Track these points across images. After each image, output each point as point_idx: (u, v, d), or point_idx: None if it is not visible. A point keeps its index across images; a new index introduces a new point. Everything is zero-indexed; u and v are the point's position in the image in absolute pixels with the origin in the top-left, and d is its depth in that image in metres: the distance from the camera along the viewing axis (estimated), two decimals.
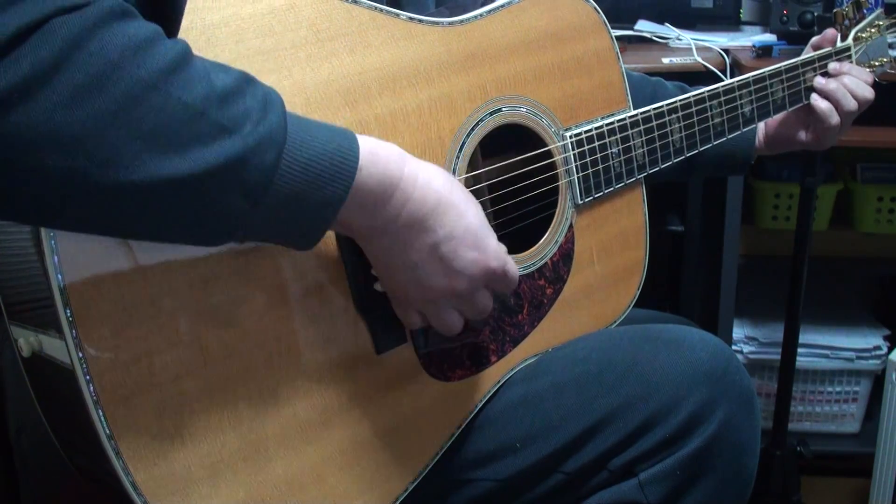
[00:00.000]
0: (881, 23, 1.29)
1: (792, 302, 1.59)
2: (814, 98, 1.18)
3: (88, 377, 0.63)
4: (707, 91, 1.07)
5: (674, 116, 1.04)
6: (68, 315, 0.63)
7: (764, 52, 1.67)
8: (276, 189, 0.62)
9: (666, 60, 1.63)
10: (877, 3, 1.63)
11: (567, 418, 0.89)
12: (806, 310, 1.61)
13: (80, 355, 0.63)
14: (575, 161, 0.97)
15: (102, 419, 0.64)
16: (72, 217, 0.59)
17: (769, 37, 1.76)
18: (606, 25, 1.03)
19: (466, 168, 0.88)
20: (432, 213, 0.73)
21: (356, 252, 0.78)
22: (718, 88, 1.09)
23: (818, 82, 1.18)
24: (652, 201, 1.09)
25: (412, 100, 0.83)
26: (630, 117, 1.00)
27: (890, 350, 1.80)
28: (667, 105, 1.03)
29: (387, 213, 0.71)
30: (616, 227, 1.05)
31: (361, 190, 0.68)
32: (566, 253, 0.99)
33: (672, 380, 0.87)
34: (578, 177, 0.98)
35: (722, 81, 1.10)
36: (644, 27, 1.86)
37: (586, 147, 0.98)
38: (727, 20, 1.95)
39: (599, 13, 1.03)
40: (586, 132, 0.98)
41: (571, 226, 0.99)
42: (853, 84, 1.17)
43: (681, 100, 1.04)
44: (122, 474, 0.65)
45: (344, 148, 0.66)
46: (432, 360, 0.86)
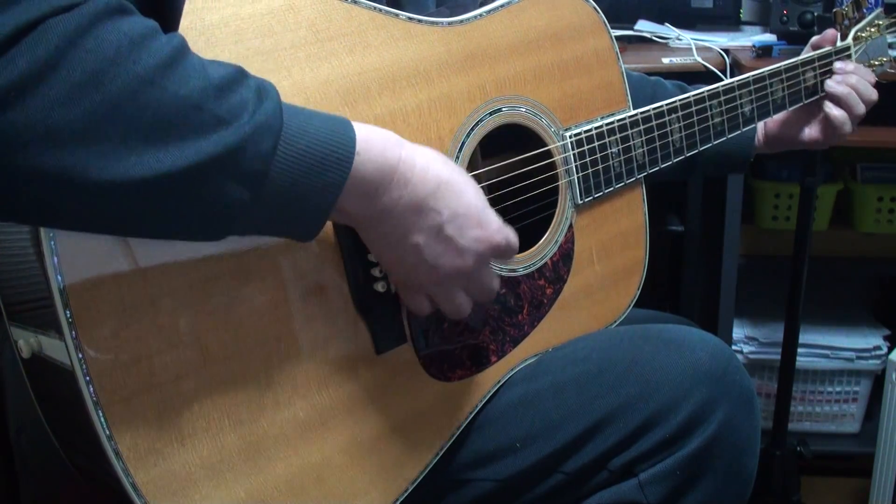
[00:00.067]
0: (881, 22, 1.29)
1: (792, 302, 1.59)
2: (827, 106, 1.18)
3: (88, 378, 0.63)
4: (707, 91, 1.07)
5: (674, 116, 1.04)
6: (68, 316, 0.63)
7: (764, 52, 1.67)
8: (275, 177, 0.63)
9: (666, 60, 1.63)
10: (876, 3, 1.63)
11: (567, 418, 0.89)
12: (806, 310, 1.61)
13: (80, 356, 0.63)
14: (575, 161, 0.97)
15: (102, 420, 0.64)
16: (72, 215, 0.59)
17: (769, 37, 1.76)
18: (606, 25, 1.03)
19: (466, 168, 0.88)
20: (433, 196, 0.73)
21: (356, 252, 0.78)
22: (718, 88, 1.08)
23: (831, 87, 1.17)
24: (652, 201, 1.09)
25: (412, 100, 0.83)
26: (630, 117, 1.00)
27: (890, 350, 1.80)
28: (666, 105, 1.03)
29: (387, 199, 0.71)
30: (616, 227, 1.05)
31: (360, 176, 0.68)
32: (566, 253, 0.99)
33: (672, 380, 0.87)
34: (578, 177, 0.98)
35: (722, 81, 1.10)
36: (644, 27, 1.86)
37: (586, 147, 0.98)
38: (727, 20, 1.95)
39: (599, 13, 1.03)
40: (586, 132, 0.98)
41: (571, 226, 0.99)
42: (860, 85, 1.17)
43: (681, 100, 1.04)
44: (122, 475, 0.65)
45: (340, 134, 0.67)
46: (432, 361, 0.86)
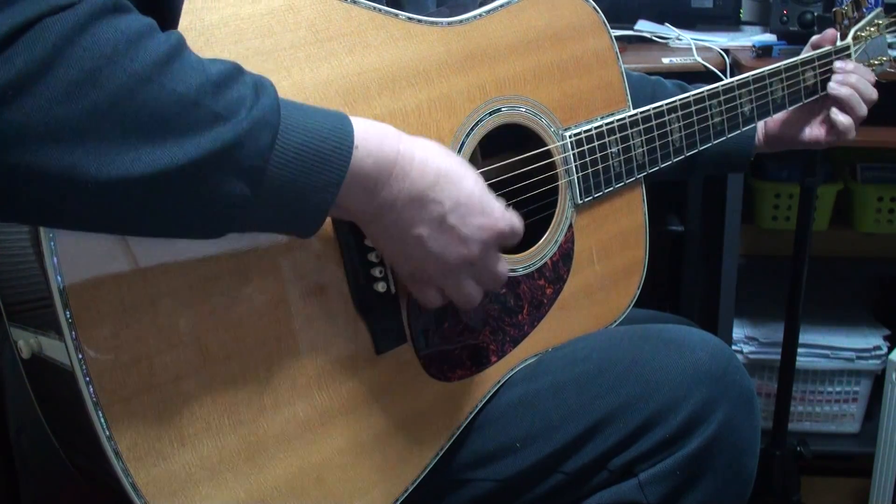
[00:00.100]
0: (880, 21, 1.29)
1: (792, 302, 1.59)
2: (834, 112, 1.18)
3: (88, 378, 0.63)
4: (706, 90, 1.07)
5: (673, 116, 1.04)
6: (68, 317, 0.62)
7: (764, 52, 1.67)
8: (273, 172, 0.63)
9: (666, 60, 1.63)
10: (876, 2, 1.63)
11: (567, 418, 0.89)
12: (806, 310, 1.61)
13: (80, 357, 0.63)
14: (574, 161, 0.97)
15: (102, 420, 0.64)
16: (72, 214, 0.59)
17: (769, 37, 1.76)
18: (606, 25, 1.03)
19: None
20: (433, 187, 0.73)
21: (356, 252, 0.78)
22: (718, 88, 1.08)
23: (834, 89, 1.17)
24: (652, 201, 1.09)
25: (411, 100, 0.83)
26: (630, 117, 1.00)
27: (890, 350, 1.80)
28: (666, 105, 1.03)
29: (387, 192, 0.71)
30: (616, 227, 1.05)
31: (359, 170, 0.68)
32: (566, 253, 0.99)
33: (672, 380, 0.87)
34: (578, 176, 0.98)
35: (721, 81, 1.10)
36: (644, 27, 1.85)
37: (586, 147, 0.98)
38: (727, 20, 1.95)
39: (599, 13, 1.03)
40: (586, 132, 0.97)
41: (571, 225, 0.99)
42: (861, 84, 1.18)
43: (680, 99, 1.04)
44: (122, 475, 0.65)
45: (338, 129, 0.67)
46: (432, 361, 0.86)
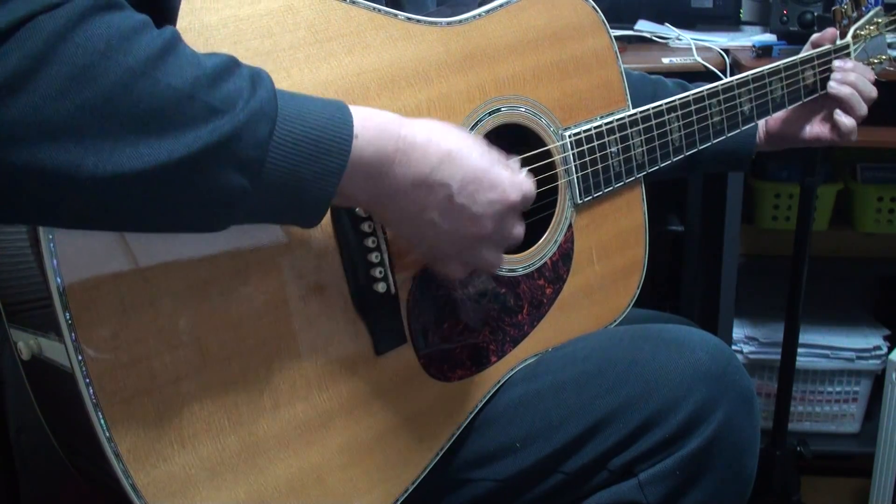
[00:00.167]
0: (880, 20, 1.29)
1: (792, 302, 1.59)
2: (837, 114, 1.18)
3: (88, 380, 0.63)
4: (706, 90, 1.07)
5: (673, 115, 1.04)
6: (67, 318, 0.62)
7: (764, 52, 1.67)
8: (273, 163, 0.62)
9: (666, 60, 1.63)
10: (876, 1, 1.62)
11: (567, 418, 0.89)
12: (806, 310, 1.61)
13: (80, 358, 0.63)
14: (574, 161, 0.97)
15: (102, 421, 0.64)
16: (71, 212, 0.59)
17: (769, 37, 1.76)
18: (605, 25, 1.03)
19: None
20: (438, 169, 0.72)
21: (356, 252, 0.78)
22: (717, 87, 1.08)
23: (834, 88, 1.17)
24: (652, 201, 1.09)
25: (411, 100, 0.83)
26: (629, 116, 1.00)
27: (890, 350, 1.80)
28: (666, 104, 1.03)
29: (391, 179, 0.70)
30: (615, 227, 1.05)
31: (360, 158, 0.68)
32: (566, 253, 0.99)
33: (672, 380, 0.87)
34: (578, 176, 0.98)
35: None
36: (644, 27, 1.85)
37: (585, 146, 0.98)
38: (727, 20, 1.95)
39: (598, 13, 1.03)
40: (585, 132, 0.97)
41: (571, 225, 0.99)
42: (860, 82, 1.18)
43: (680, 99, 1.04)
44: (122, 476, 0.65)
45: (337, 118, 0.66)
46: (432, 361, 0.86)
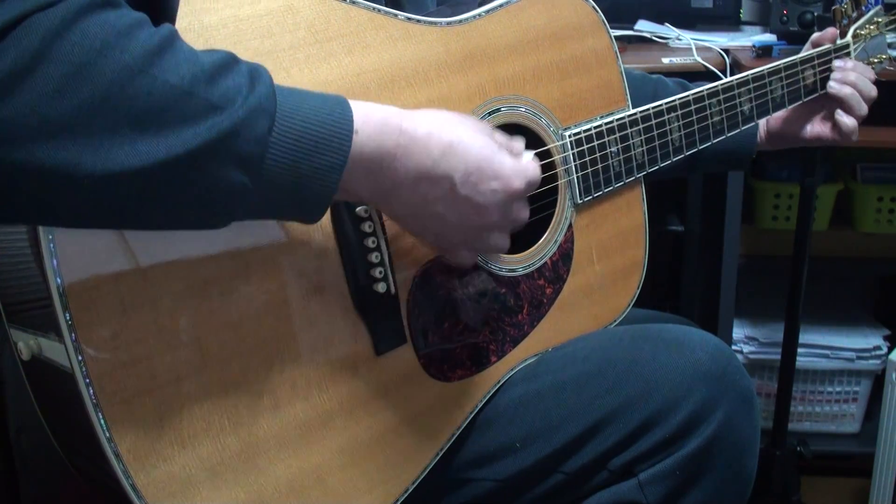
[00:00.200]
0: (880, 20, 1.29)
1: (792, 302, 1.59)
2: (839, 114, 1.18)
3: (88, 380, 0.63)
4: (706, 89, 1.07)
5: (673, 115, 1.04)
6: (67, 318, 0.62)
7: (764, 52, 1.67)
8: (273, 159, 0.62)
9: (666, 60, 1.63)
10: (876, 1, 1.62)
11: (567, 418, 0.89)
12: (806, 310, 1.61)
13: (80, 358, 0.63)
14: (574, 160, 0.97)
15: (102, 421, 0.64)
16: (70, 211, 0.58)
17: (769, 37, 1.76)
18: (605, 25, 1.03)
19: None
20: (440, 161, 0.72)
21: (356, 252, 0.78)
22: (717, 87, 1.08)
23: (834, 88, 1.17)
24: (652, 201, 1.09)
25: (410, 100, 0.83)
26: (629, 116, 1.00)
27: (890, 350, 1.80)
28: (666, 104, 1.03)
29: (393, 174, 0.70)
30: (615, 227, 1.05)
31: (361, 153, 0.67)
32: (566, 252, 0.99)
33: (672, 380, 0.87)
34: (578, 176, 0.98)
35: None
36: (644, 27, 1.85)
37: (585, 146, 0.98)
38: (727, 20, 1.94)
39: (598, 12, 1.03)
40: (585, 131, 0.97)
41: (571, 225, 0.99)
42: (860, 81, 1.18)
43: (680, 99, 1.04)
44: (122, 476, 0.65)
45: (337, 113, 0.66)
46: (432, 361, 0.86)
